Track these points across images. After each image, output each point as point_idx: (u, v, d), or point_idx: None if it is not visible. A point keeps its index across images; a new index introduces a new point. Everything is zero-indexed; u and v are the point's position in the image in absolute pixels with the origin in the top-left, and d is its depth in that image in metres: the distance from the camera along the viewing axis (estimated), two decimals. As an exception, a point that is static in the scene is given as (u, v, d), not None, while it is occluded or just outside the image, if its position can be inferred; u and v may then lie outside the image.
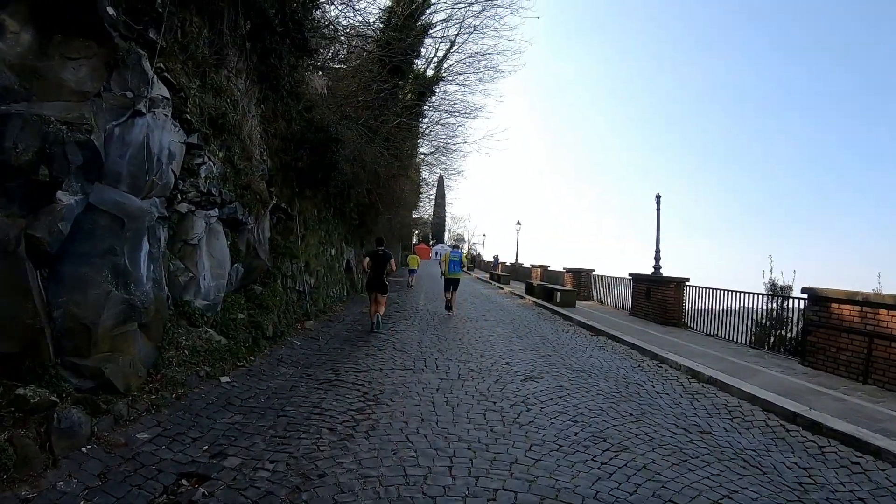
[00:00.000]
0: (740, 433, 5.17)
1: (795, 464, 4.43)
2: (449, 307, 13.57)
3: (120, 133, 4.86)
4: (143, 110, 5.11)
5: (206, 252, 6.73)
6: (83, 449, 3.76)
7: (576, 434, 4.81)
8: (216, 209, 7.01)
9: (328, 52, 12.52)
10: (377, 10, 14.74)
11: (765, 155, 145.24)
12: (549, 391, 6.27)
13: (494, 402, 5.66)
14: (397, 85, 15.03)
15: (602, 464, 4.15)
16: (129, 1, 4.92)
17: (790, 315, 9.73)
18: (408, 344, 8.84)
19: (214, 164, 6.74)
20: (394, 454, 4.13)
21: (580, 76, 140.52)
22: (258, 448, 4.13)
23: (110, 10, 4.73)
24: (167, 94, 5.51)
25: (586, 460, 4.21)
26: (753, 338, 10.31)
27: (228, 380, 5.95)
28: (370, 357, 7.66)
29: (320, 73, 12.31)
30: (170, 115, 5.57)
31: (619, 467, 4.09)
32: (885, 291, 8.14)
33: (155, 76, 5.33)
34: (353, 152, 12.09)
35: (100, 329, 4.51)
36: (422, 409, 5.33)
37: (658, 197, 15.49)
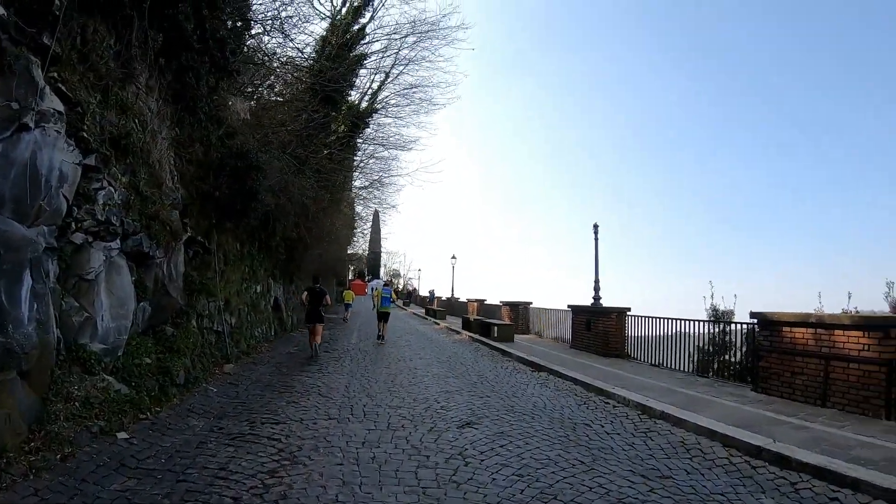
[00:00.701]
0: (703, 475, 4.78)
1: (770, 507, 4.10)
2: (381, 337, 15.33)
3: (2, 149, 4.22)
4: (31, 124, 4.47)
5: (104, 289, 5.93)
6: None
7: (522, 491, 4.23)
8: (118, 240, 6.22)
9: (258, 79, 12.01)
10: (311, 40, 14.48)
11: (694, 185, 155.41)
12: (490, 439, 5.69)
13: (428, 457, 5.02)
14: (329, 115, 14.67)
15: (555, 531, 3.61)
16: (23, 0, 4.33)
17: (734, 339, 9.62)
18: (334, 388, 8.16)
19: (116, 190, 6.01)
20: (305, 533, 3.45)
21: (507, 109, 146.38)
22: (146, 525, 3.43)
23: (0, 10, 4.13)
24: (61, 108, 4.86)
25: (537, 526, 3.64)
26: (699, 365, 10.14)
27: (126, 436, 5.13)
28: (291, 405, 6.94)
29: (254, 101, 11.78)
30: (63, 131, 4.90)
31: (576, 534, 3.56)
32: (826, 311, 8.14)
33: (47, 87, 4.70)
34: (278, 183, 11.51)
35: (-36, 379, 3.77)
36: (344, 468, 4.64)
37: (596, 227, 15.11)
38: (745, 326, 9.20)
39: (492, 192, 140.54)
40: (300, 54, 12.15)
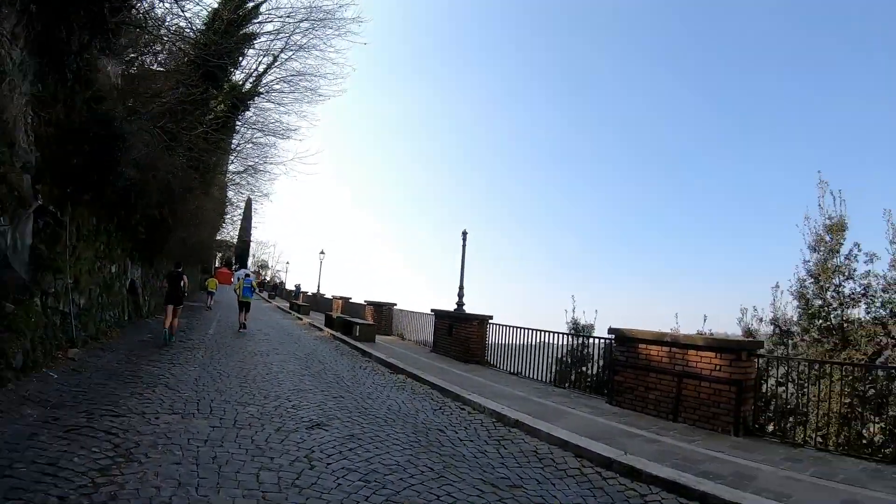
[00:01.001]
0: (554, 485, 4.80)
1: (619, 518, 4.15)
2: (243, 325, 16.33)
3: None
4: None
5: (-63, 255, 5.19)
6: None
7: (367, 498, 4.12)
8: (-42, 202, 5.47)
9: (142, 45, 10.96)
10: (201, 10, 13.50)
11: (562, 203, 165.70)
12: (339, 441, 5.55)
13: (272, 458, 4.83)
14: (209, 92, 13.76)
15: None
16: None
17: (592, 353, 9.84)
18: (183, 381, 7.77)
19: (-37, 145, 5.29)
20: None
21: (390, 109, 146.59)
22: (-38, 527, 3.08)
23: None
24: None
25: (379, 535, 3.63)
26: (557, 376, 10.32)
27: (-47, 425, 4.57)
28: (135, 396, 6.51)
29: (134, 68, 10.67)
30: None
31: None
32: (682, 331, 8.53)
33: None
34: (145, 157, 10.58)
35: None
36: (182, 468, 4.37)
37: (464, 234, 15.45)
38: (603, 341, 9.41)
39: (367, 192, 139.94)
40: (189, 24, 11.32)
